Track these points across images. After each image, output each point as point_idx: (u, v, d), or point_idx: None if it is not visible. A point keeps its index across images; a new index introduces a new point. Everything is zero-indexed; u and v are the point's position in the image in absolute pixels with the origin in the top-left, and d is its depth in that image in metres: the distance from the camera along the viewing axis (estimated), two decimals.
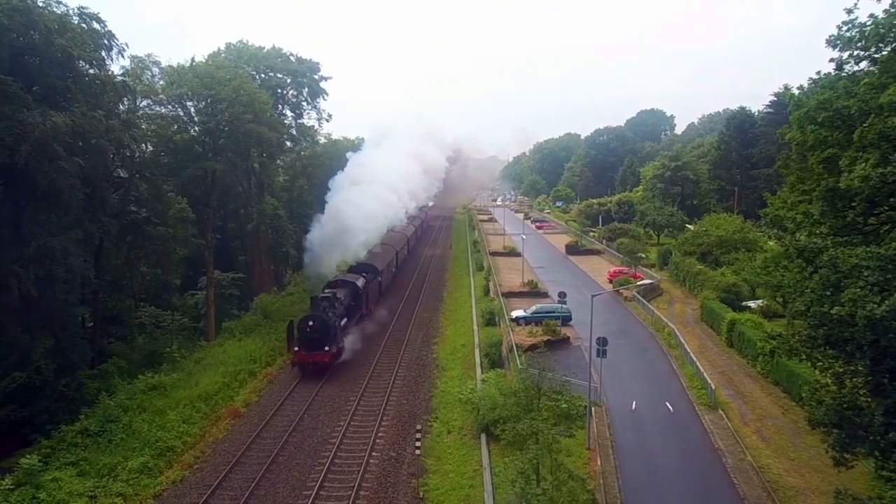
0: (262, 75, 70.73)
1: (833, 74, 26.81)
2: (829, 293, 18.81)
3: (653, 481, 25.17)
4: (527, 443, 22.06)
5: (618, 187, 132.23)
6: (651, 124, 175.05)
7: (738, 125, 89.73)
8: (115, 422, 29.76)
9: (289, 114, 75.61)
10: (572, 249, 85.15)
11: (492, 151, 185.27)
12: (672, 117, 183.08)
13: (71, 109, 34.33)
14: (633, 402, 32.53)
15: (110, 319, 47.65)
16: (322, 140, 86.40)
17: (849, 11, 24.65)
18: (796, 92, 29.23)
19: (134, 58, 47.87)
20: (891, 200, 21.92)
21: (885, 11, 24.51)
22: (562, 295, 48.13)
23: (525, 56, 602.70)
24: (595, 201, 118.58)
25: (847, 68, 25.89)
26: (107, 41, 38.72)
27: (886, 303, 16.50)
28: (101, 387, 34.04)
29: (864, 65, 25.63)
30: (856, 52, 25.15)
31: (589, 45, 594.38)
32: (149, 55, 49.77)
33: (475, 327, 46.53)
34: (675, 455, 27.34)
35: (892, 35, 24.05)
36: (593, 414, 28.81)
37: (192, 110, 49.76)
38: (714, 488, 24.70)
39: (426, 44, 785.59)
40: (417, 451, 27.92)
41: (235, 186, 61.37)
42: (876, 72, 24.51)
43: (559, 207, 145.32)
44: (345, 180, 58.63)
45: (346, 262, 51.16)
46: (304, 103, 76.85)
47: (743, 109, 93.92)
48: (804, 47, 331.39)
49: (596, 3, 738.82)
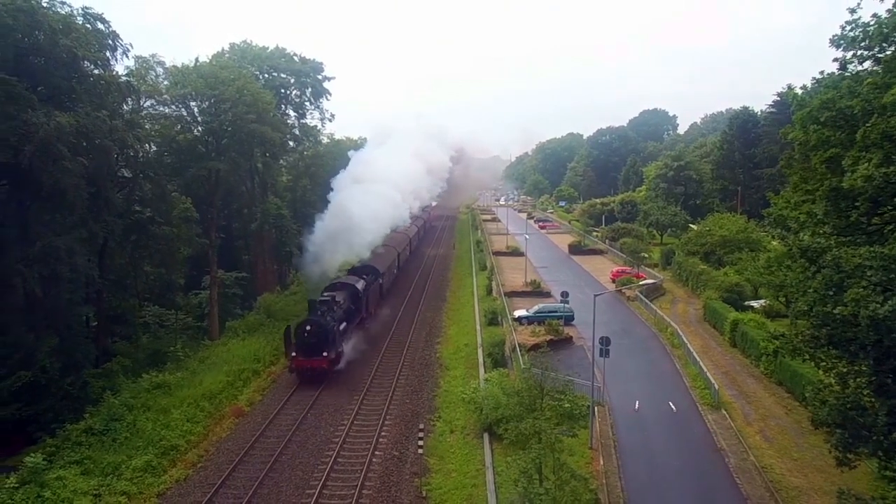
0: (266, 75, 70.97)
1: (836, 74, 26.77)
2: (832, 293, 18.80)
3: (656, 481, 25.16)
4: (529, 442, 22.04)
5: (621, 187, 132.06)
6: (654, 124, 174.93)
7: (741, 125, 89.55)
8: (120, 420, 29.87)
9: (292, 114, 75.92)
10: (575, 249, 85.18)
11: (494, 151, 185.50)
12: (675, 117, 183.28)
13: (75, 109, 34.36)
14: (636, 402, 32.52)
15: (115, 319, 47.72)
16: (325, 140, 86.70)
17: (852, 11, 24.62)
18: (799, 92, 29.25)
19: (138, 58, 48.17)
20: (894, 200, 21.90)
21: (889, 11, 24.45)
22: (564, 295, 48.19)
23: (525, 56, 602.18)
24: (598, 201, 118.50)
25: (850, 68, 25.84)
26: (111, 41, 38.80)
27: (889, 303, 16.50)
28: (106, 386, 34.18)
29: (867, 64, 25.56)
30: (859, 52, 25.10)
31: (589, 45, 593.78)
32: (153, 55, 50.05)
33: (478, 327, 46.59)
34: (677, 455, 27.33)
35: (895, 35, 24.01)
36: (596, 414, 28.82)
37: (195, 110, 49.91)
38: (717, 488, 24.67)
39: (426, 44, 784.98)
40: (420, 451, 27.92)
41: (239, 186, 61.51)
42: (879, 71, 24.45)
43: (562, 207, 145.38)
44: (347, 179, 58.46)
45: (349, 262, 50.73)
46: (307, 103, 77.20)
47: (746, 109, 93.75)
48: (804, 47, 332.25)
49: (596, 3, 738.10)
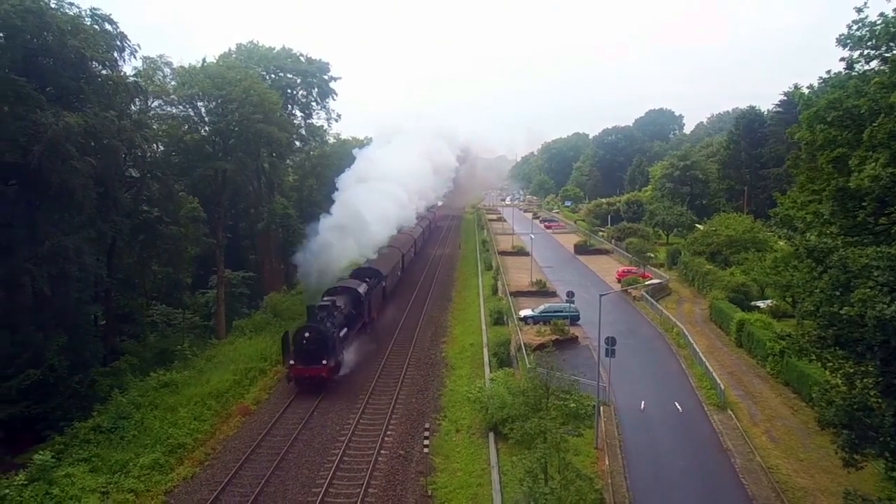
0: (272, 76, 71.34)
1: (843, 73, 26.66)
2: (838, 293, 18.78)
3: (661, 481, 25.13)
4: (535, 442, 22.11)
5: (626, 187, 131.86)
6: (660, 124, 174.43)
7: (748, 124, 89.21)
8: (128, 419, 30.06)
9: (298, 114, 76.28)
10: (581, 249, 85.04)
11: (500, 151, 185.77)
12: (681, 117, 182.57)
13: (83, 110, 34.62)
14: (642, 402, 32.48)
15: (122, 317, 48.07)
16: (331, 140, 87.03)
17: (859, 10, 24.54)
18: (806, 91, 29.12)
19: (146, 58, 48.47)
20: None
21: None
22: (570, 294, 48.13)
23: (525, 56, 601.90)
24: (604, 201, 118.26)
25: (857, 67, 25.74)
26: (119, 42, 39.06)
27: None
28: (114, 384, 34.42)
29: (874, 64, 25.43)
30: (866, 52, 25.00)
31: (589, 45, 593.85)
32: (160, 56, 50.33)
33: (483, 326, 46.60)
34: (683, 455, 27.27)
35: None
36: (601, 413, 28.81)
37: (202, 110, 50.20)
38: (723, 489, 24.62)
39: (426, 44, 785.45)
40: (426, 450, 28.00)
41: (246, 186, 61.79)
42: (887, 71, 24.33)
43: (568, 207, 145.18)
44: (352, 177, 58.33)
45: (354, 262, 50.57)
46: (313, 103, 77.57)
47: (752, 109, 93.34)
48: (804, 47, 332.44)
49: (596, 3, 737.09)
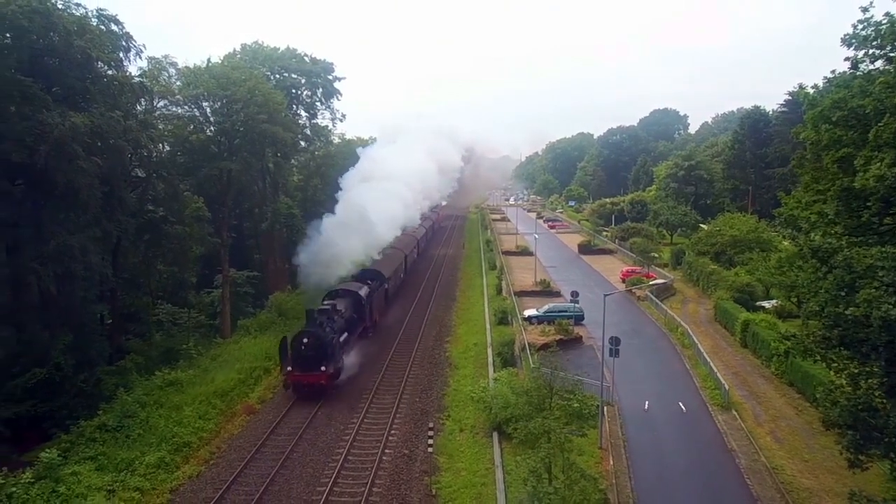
0: (277, 76, 71.45)
1: (848, 73, 26.61)
2: (843, 294, 18.76)
3: (665, 481, 25.14)
4: (539, 441, 22.10)
5: (631, 187, 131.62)
6: (664, 124, 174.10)
7: (753, 124, 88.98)
8: (133, 417, 30.21)
9: (303, 114, 76.42)
10: (585, 249, 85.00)
11: (505, 151, 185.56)
12: (685, 117, 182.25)
13: (90, 110, 34.74)
14: (646, 402, 32.47)
15: (128, 316, 48.24)
16: (336, 140, 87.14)
17: (864, 10, 24.48)
18: (811, 91, 29.07)
19: (151, 59, 48.62)
20: None
21: None
22: (574, 294, 48.15)
23: (525, 56, 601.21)
24: (608, 201, 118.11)
25: (862, 67, 25.68)
26: (125, 42, 39.28)
27: None
28: (119, 383, 34.53)
29: (879, 63, 25.36)
30: (871, 51, 24.94)
31: (589, 45, 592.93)
32: (166, 56, 50.53)
33: (487, 326, 46.65)
34: (687, 455, 27.28)
35: None
36: (605, 413, 28.82)
37: (207, 111, 50.34)
38: (727, 489, 24.60)
39: (426, 44, 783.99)
40: (430, 449, 28.08)
41: (250, 186, 61.84)
42: (892, 70, 24.28)
43: (572, 207, 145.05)
44: (356, 177, 58.22)
45: (359, 262, 50.44)
46: (318, 103, 77.70)
47: (757, 109, 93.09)
48: (804, 47, 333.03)
49: (596, 3, 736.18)
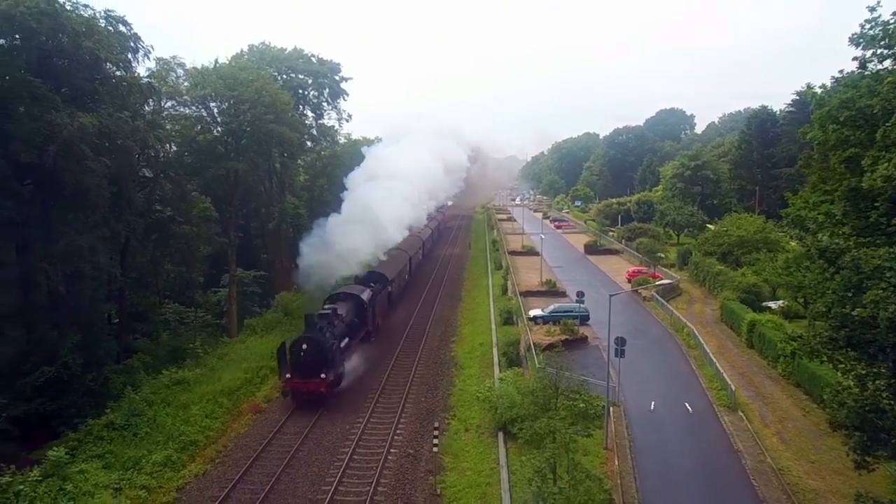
0: (284, 76, 71.79)
1: (856, 73, 26.48)
2: (850, 294, 18.69)
3: (671, 482, 25.09)
4: (544, 442, 22.07)
5: (637, 187, 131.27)
6: (671, 124, 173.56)
7: (760, 124, 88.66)
8: (140, 416, 30.39)
9: (309, 114, 76.71)
10: (591, 249, 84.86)
11: (511, 151, 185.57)
12: (692, 117, 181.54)
13: (98, 110, 35.02)
14: (652, 403, 32.40)
15: (136, 316, 48.53)
16: (342, 140, 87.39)
17: (871, 9, 24.37)
18: (818, 91, 28.93)
19: (159, 60, 48.96)
20: None
21: None
22: (580, 294, 48.08)
23: (525, 56, 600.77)
24: (614, 201, 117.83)
25: (870, 67, 25.56)
26: (133, 43, 39.53)
27: None
28: (127, 381, 34.77)
29: (887, 63, 25.26)
30: (879, 51, 24.82)
31: (589, 45, 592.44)
32: (173, 57, 50.79)
33: (493, 326, 46.62)
34: (693, 456, 27.20)
35: None
36: (611, 414, 28.80)
37: (215, 111, 50.62)
38: (733, 490, 24.51)
39: (426, 44, 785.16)
40: (435, 449, 28.10)
41: (257, 186, 62.16)
42: None
43: (578, 207, 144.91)
44: (362, 176, 58.16)
45: (366, 263, 50.28)
46: (324, 104, 77.97)
47: (764, 108, 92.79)
48: (804, 47, 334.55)
49: (596, 3, 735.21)
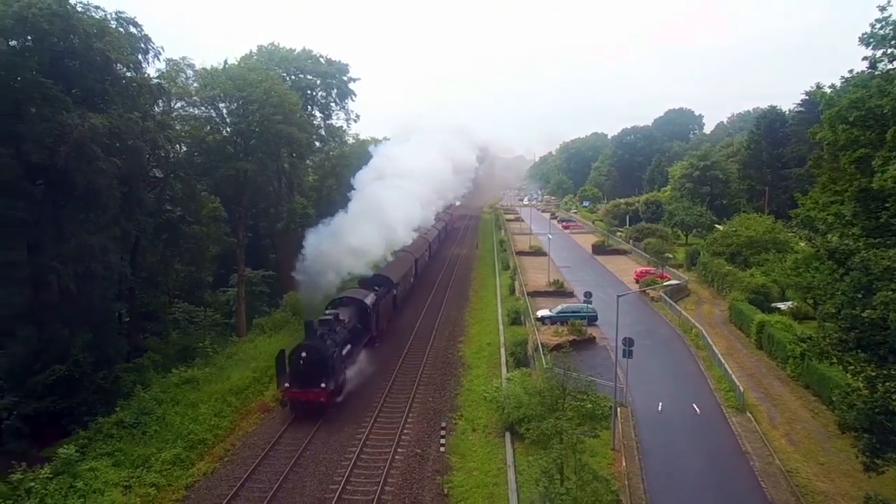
0: (293, 77, 72.03)
1: (866, 73, 26.32)
2: (860, 296, 18.62)
3: (679, 483, 25.01)
4: (551, 442, 22.08)
5: (645, 187, 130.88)
6: (679, 123, 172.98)
7: (769, 124, 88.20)
8: (150, 414, 30.64)
9: (318, 114, 76.97)
10: (599, 249, 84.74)
11: (518, 151, 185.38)
12: (700, 117, 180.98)
13: (108, 111, 35.20)
14: (660, 404, 32.33)
15: (146, 315, 48.80)
16: (350, 140, 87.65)
17: (882, 9, 24.23)
18: (828, 91, 28.77)
19: (169, 60, 49.13)
20: None
21: None
22: (588, 295, 48.02)
23: (525, 56, 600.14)
24: (622, 201, 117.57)
25: (881, 66, 25.39)
26: (143, 45, 39.80)
27: None
28: (137, 380, 35.03)
29: None
30: (889, 50, 24.66)
31: (589, 45, 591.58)
32: (183, 58, 51.03)
33: (500, 326, 46.67)
34: (701, 457, 27.12)
35: None
36: (619, 414, 28.74)
37: (224, 111, 50.78)
38: (741, 491, 24.42)
39: (426, 44, 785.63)
40: (442, 449, 28.05)
41: (266, 186, 62.25)
42: None
43: (586, 207, 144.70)
44: (370, 174, 58.11)
45: (375, 264, 50.14)
46: (332, 104, 78.18)
47: (773, 108, 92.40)
48: (804, 47, 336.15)
49: (596, 3, 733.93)
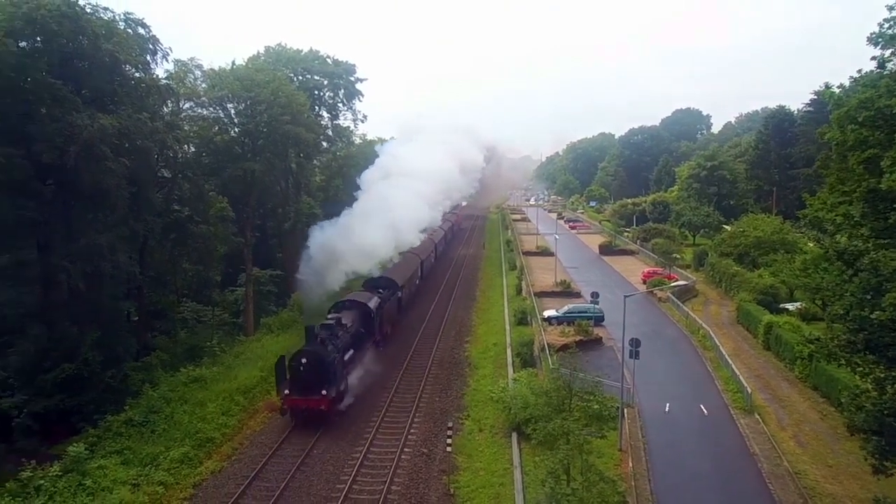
0: (300, 77, 72.19)
1: (875, 73, 26.20)
2: (869, 297, 18.55)
3: (686, 485, 24.95)
4: (557, 443, 22.08)
5: (652, 187, 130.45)
6: (686, 123, 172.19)
7: (777, 124, 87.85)
8: (158, 413, 30.88)
9: (325, 115, 77.13)
10: (606, 250, 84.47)
11: (525, 151, 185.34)
12: (708, 116, 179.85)
13: (117, 112, 35.42)
14: (667, 404, 32.24)
15: (154, 314, 49.08)
16: (357, 140, 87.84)
17: (891, 9, 24.10)
18: (837, 91, 28.65)
19: (177, 61, 49.41)
20: None
21: None
22: (594, 295, 47.92)
23: (525, 56, 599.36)
24: (629, 201, 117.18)
25: (889, 66, 25.25)
26: (151, 45, 40.04)
27: None
28: (145, 379, 35.28)
29: None
30: None
31: (589, 45, 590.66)
32: (191, 59, 51.31)
33: (507, 326, 46.65)
34: (708, 459, 27.04)
35: None
36: (625, 415, 28.69)
37: (232, 112, 51.10)
38: (749, 493, 24.34)
39: (426, 44, 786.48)
40: (448, 449, 28.12)
41: (274, 186, 62.54)
42: None
43: (593, 207, 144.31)
44: (376, 174, 58.09)
45: (384, 264, 49.92)
46: (339, 104, 78.38)
47: (782, 108, 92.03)
48: (804, 47, 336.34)
49: (596, 3, 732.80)
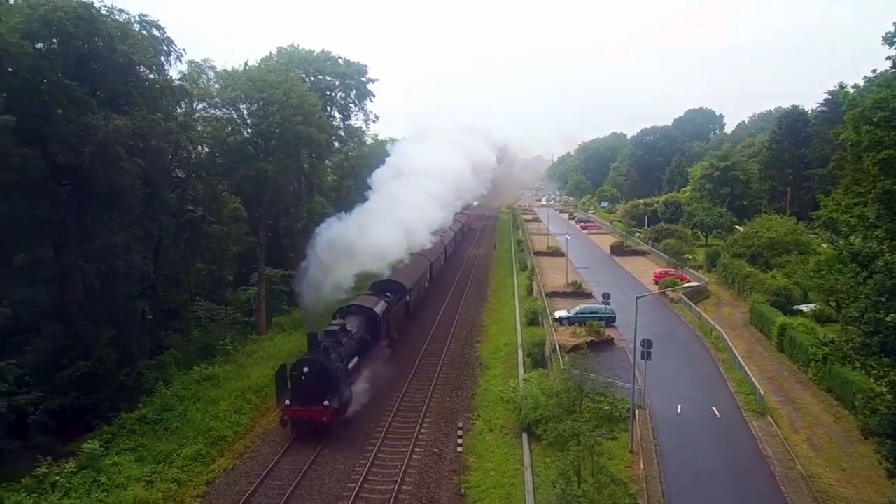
0: (312, 78, 72.57)
1: (889, 73, 25.88)
2: (884, 299, 18.40)
3: (697, 487, 24.85)
4: (568, 444, 22.06)
5: (665, 187, 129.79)
6: (700, 123, 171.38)
7: (791, 124, 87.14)
8: (171, 410, 31.21)
9: (337, 115, 77.48)
10: (617, 250, 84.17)
11: (537, 151, 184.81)
12: (721, 116, 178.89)
13: (132, 113, 35.79)
14: (679, 406, 32.10)
15: (168, 313, 49.51)
16: (369, 140, 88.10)
17: None
18: (851, 91, 28.32)
19: (191, 62, 49.88)
20: None
21: None
22: (606, 296, 47.77)
23: (525, 56, 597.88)
24: (641, 201, 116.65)
25: None
26: (165, 47, 40.44)
27: None
28: (159, 377, 35.62)
29: None
30: None
31: (589, 45, 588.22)
32: (205, 60, 51.72)
33: (518, 327, 46.63)
34: (720, 461, 26.90)
35: None
36: (637, 417, 28.61)
37: (245, 113, 51.49)
38: (761, 496, 24.19)
39: (426, 44, 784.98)
40: (459, 449, 28.22)
41: (286, 186, 62.83)
42: None
43: (604, 207, 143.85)
44: (387, 173, 58.04)
45: (391, 261, 49.67)
46: (351, 105, 78.70)
47: (796, 108, 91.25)
48: (804, 47, 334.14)
49: (596, 3, 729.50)
